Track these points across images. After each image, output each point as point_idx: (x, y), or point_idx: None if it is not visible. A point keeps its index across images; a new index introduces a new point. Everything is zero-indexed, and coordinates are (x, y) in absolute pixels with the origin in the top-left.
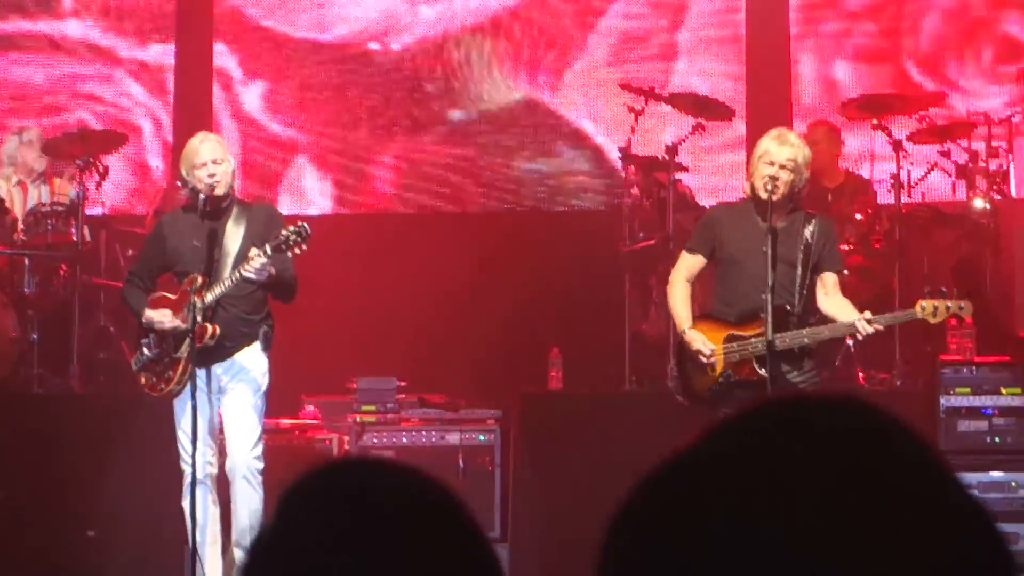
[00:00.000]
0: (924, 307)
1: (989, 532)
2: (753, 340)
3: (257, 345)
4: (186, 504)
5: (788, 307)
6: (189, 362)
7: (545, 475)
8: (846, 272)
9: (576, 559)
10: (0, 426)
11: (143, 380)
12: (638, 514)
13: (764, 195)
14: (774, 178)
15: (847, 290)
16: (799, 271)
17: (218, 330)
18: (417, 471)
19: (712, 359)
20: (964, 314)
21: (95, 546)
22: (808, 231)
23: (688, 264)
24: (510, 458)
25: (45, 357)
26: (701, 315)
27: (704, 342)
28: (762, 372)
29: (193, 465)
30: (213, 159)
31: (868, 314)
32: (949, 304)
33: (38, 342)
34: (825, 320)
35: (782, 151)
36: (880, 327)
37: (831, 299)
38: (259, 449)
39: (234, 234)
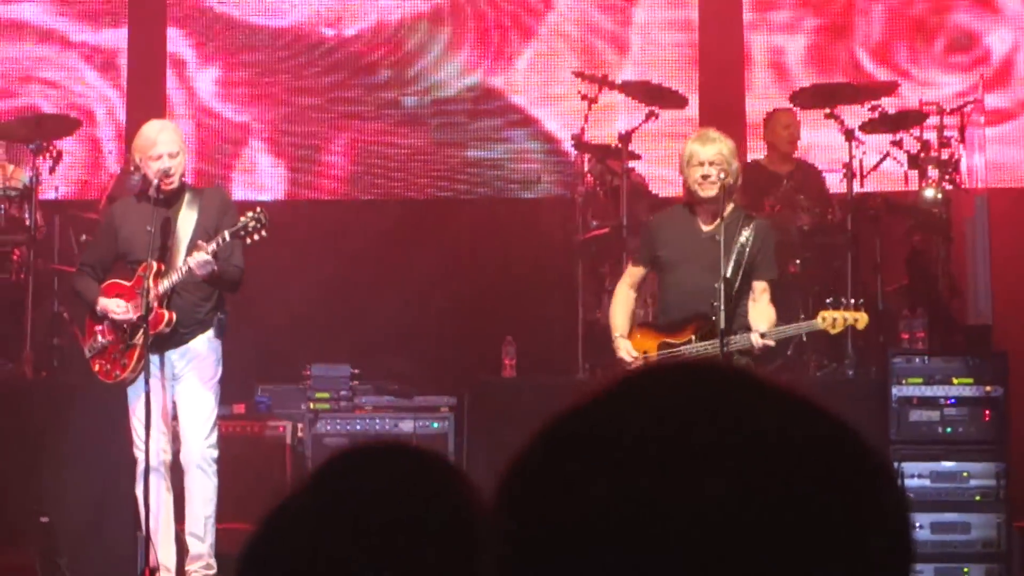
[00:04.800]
0: (825, 318)
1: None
2: (682, 347)
3: (211, 332)
4: (139, 491)
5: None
6: (144, 350)
7: (498, 463)
8: (774, 279)
9: None
10: None
11: (97, 367)
12: (534, 463)
13: (703, 194)
14: (706, 176)
15: (800, 281)
16: (731, 279)
17: (175, 317)
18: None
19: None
20: (858, 326)
21: (48, 532)
22: (744, 235)
23: (632, 274)
24: (464, 446)
25: None
26: (641, 323)
27: (628, 350)
28: None
29: (146, 452)
30: (169, 152)
31: (763, 327)
32: (846, 316)
33: None
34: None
35: (707, 149)
36: (771, 342)
37: (754, 307)
38: (214, 437)
39: (186, 221)
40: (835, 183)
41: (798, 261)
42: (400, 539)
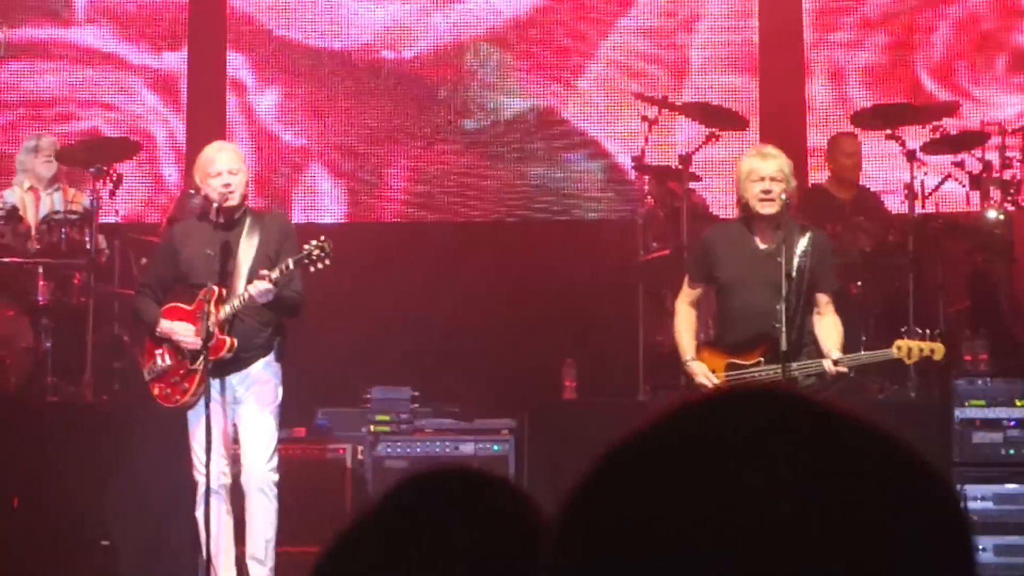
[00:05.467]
0: (900, 347)
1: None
2: (751, 369)
3: (271, 356)
4: (200, 514)
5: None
6: (205, 375)
7: (559, 485)
8: (837, 290)
9: None
10: (15, 434)
11: (156, 391)
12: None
13: (763, 211)
14: (767, 192)
15: (861, 303)
16: (791, 296)
17: (236, 342)
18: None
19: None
20: (935, 357)
21: (109, 555)
22: (801, 247)
23: (689, 293)
24: (524, 468)
25: (59, 366)
26: (704, 342)
27: (706, 374)
28: None
29: (207, 475)
30: (229, 169)
31: (835, 351)
32: (923, 347)
33: (52, 351)
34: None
35: (767, 164)
36: (844, 369)
37: (820, 320)
38: (275, 461)
39: (247, 246)
40: (896, 204)
41: (859, 283)
42: (468, 564)
